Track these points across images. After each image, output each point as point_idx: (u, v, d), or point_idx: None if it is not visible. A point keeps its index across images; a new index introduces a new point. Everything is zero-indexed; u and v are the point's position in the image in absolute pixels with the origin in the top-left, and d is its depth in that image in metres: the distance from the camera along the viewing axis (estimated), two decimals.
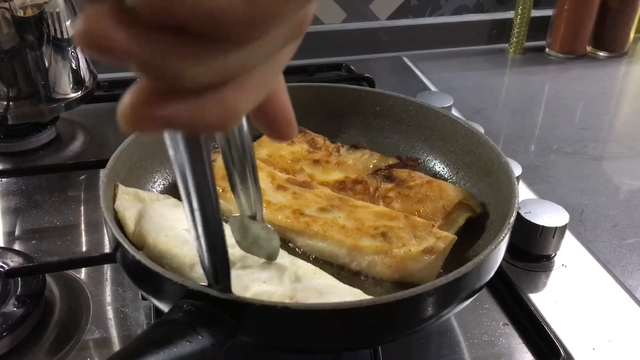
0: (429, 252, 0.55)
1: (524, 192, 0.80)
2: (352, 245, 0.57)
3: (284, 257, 0.54)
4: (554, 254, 0.69)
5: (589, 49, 1.33)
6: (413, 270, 0.55)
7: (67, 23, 0.82)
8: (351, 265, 0.58)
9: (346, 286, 0.53)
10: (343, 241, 0.57)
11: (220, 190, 0.64)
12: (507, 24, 1.34)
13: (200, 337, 0.40)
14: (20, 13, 0.77)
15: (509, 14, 1.33)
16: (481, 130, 0.70)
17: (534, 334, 0.59)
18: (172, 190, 0.66)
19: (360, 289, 0.52)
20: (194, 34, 0.20)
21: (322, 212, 0.60)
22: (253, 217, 0.48)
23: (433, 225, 0.59)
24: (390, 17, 1.29)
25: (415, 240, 0.56)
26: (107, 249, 0.69)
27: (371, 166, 0.70)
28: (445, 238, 0.57)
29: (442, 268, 0.57)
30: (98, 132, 0.95)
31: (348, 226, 0.58)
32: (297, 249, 0.61)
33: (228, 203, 0.64)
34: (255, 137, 0.74)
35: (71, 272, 0.65)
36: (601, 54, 1.33)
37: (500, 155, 0.63)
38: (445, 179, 0.69)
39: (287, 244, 0.61)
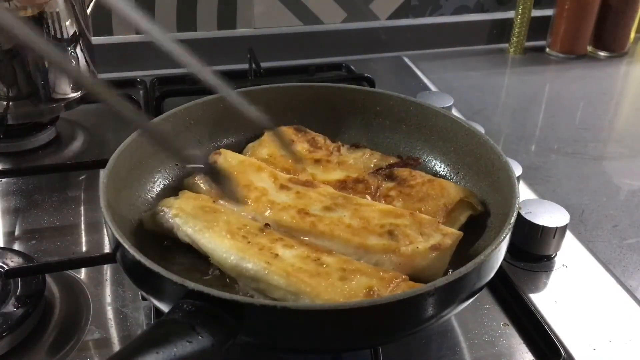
0: (437, 248, 0.56)
1: (524, 192, 0.80)
2: (359, 244, 0.57)
3: None
4: (554, 254, 0.69)
5: (589, 49, 1.33)
6: (421, 267, 0.55)
7: (67, 23, 0.82)
8: None
9: None
10: (350, 240, 0.57)
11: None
12: (507, 24, 1.34)
13: (200, 337, 0.40)
14: (20, 13, 0.77)
15: (509, 14, 1.33)
16: (481, 130, 0.70)
17: (534, 334, 0.59)
18: (172, 190, 0.66)
19: None
20: None
21: (327, 211, 0.60)
22: None
23: (438, 222, 0.59)
24: (390, 17, 1.29)
25: (422, 237, 0.57)
26: (107, 249, 0.69)
27: (372, 165, 0.70)
28: (451, 234, 0.57)
29: None
30: (98, 132, 0.95)
31: (354, 225, 0.58)
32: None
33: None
34: (256, 136, 0.74)
35: (71, 272, 0.65)
36: (601, 54, 1.33)
37: (500, 155, 0.63)
38: (446, 179, 0.69)
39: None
